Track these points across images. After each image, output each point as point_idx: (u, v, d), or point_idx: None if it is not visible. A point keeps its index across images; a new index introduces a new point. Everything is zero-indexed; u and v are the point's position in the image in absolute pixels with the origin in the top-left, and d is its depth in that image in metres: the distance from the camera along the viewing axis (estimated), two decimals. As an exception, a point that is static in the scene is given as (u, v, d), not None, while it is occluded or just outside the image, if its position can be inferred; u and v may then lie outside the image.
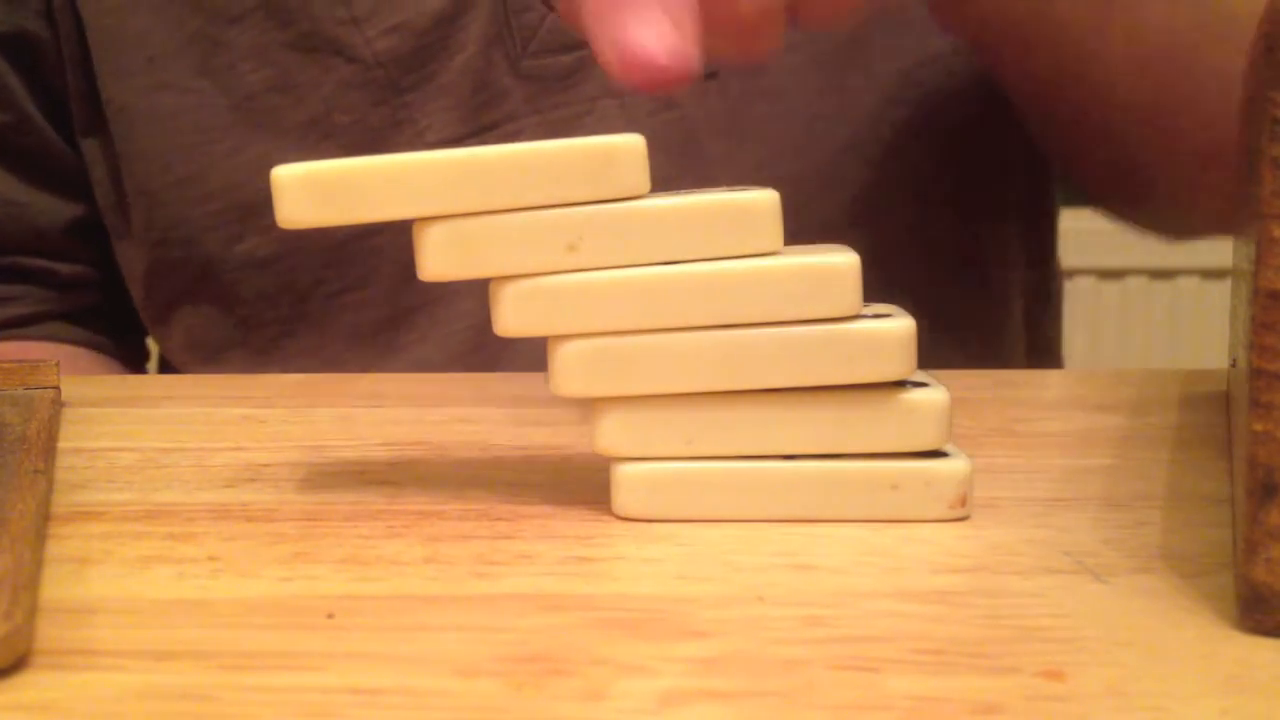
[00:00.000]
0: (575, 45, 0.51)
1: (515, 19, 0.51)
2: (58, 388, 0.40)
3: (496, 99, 0.52)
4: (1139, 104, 0.48)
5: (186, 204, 0.53)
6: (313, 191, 0.28)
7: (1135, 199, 0.56)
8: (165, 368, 0.60)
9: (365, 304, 0.53)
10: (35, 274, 0.57)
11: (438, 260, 0.28)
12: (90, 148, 0.55)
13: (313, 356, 0.54)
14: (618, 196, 0.28)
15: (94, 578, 0.27)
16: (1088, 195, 0.57)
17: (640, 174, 0.28)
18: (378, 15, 0.51)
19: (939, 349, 0.34)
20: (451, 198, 0.28)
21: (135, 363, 0.61)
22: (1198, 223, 0.56)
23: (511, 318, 0.29)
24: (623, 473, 0.29)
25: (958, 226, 0.56)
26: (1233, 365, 0.34)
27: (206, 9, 0.52)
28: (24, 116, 0.55)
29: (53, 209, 0.56)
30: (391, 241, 0.52)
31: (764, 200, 0.28)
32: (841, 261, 0.28)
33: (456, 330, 0.53)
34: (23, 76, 0.55)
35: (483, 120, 0.52)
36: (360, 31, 0.51)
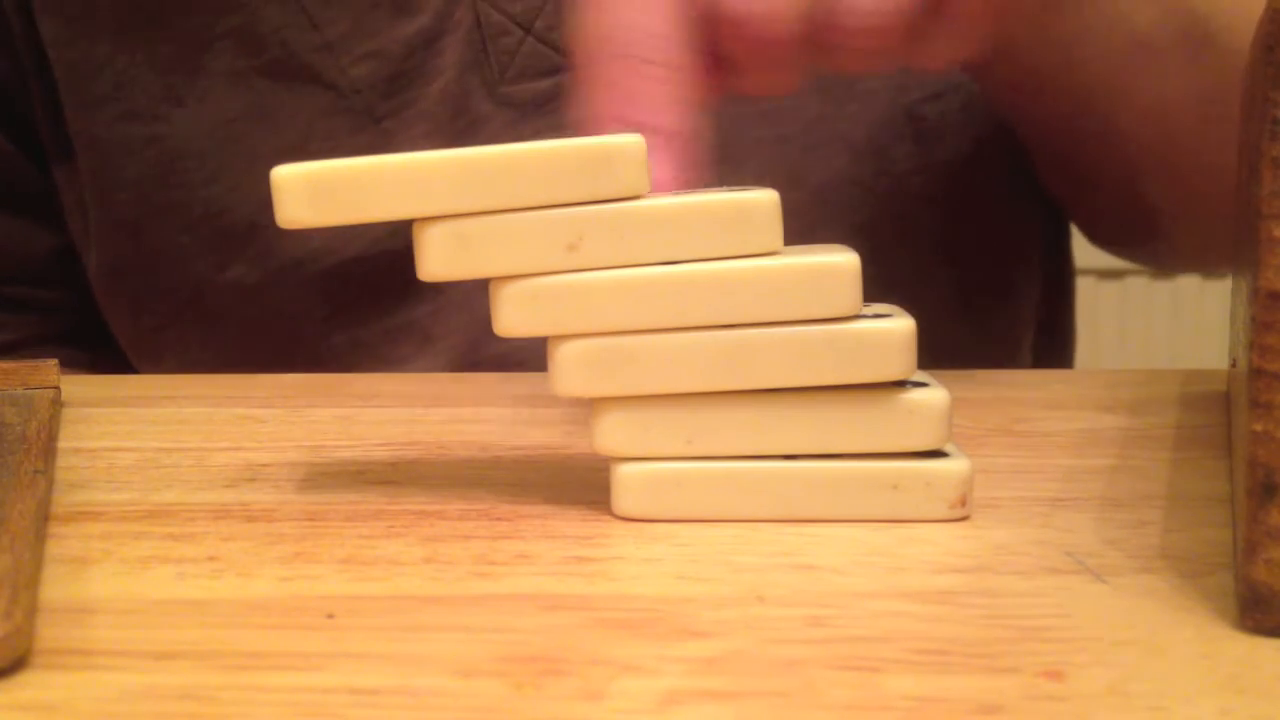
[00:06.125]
0: (554, 70, 0.50)
1: (492, 44, 0.50)
2: (58, 388, 0.40)
3: (475, 125, 0.51)
4: (1157, 154, 0.48)
5: (170, 232, 0.52)
6: (312, 191, 0.28)
7: (1142, 239, 0.56)
8: None
9: (356, 325, 0.53)
10: (17, 302, 0.56)
11: (437, 260, 0.28)
12: (62, 177, 0.54)
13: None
14: (617, 196, 0.28)
15: (94, 578, 0.27)
16: (1091, 234, 0.57)
17: (640, 174, 0.28)
18: (352, 41, 0.50)
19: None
20: (451, 198, 0.28)
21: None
22: (1204, 261, 0.56)
23: (511, 318, 0.29)
24: (623, 473, 0.29)
25: (960, 259, 0.55)
26: (1233, 365, 0.34)
27: (176, 36, 0.51)
28: None
29: (30, 237, 0.56)
30: (384, 266, 0.51)
31: (764, 200, 0.28)
32: (841, 261, 0.28)
33: (449, 346, 0.52)
34: None
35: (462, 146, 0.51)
36: (334, 58, 0.50)
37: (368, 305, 0.52)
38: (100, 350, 0.57)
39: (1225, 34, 0.45)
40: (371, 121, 0.51)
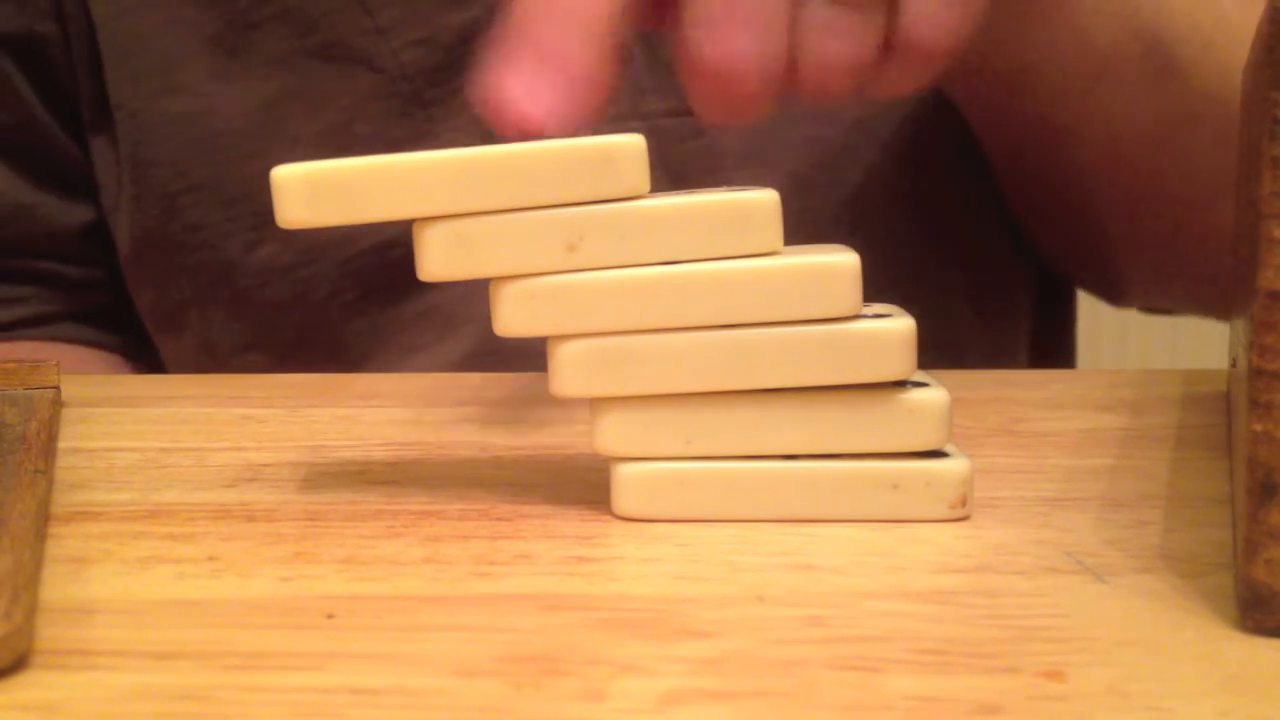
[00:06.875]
0: None
1: None
2: (58, 388, 0.40)
3: None
4: (1113, 182, 0.49)
5: (204, 209, 0.53)
6: (312, 191, 0.28)
7: (1092, 270, 0.56)
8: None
9: (382, 309, 0.53)
10: (44, 276, 0.56)
11: (437, 260, 0.28)
12: (99, 149, 0.55)
13: (330, 361, 0.54)
14: (618, 196, 0.28)
15: (93, 578, 0.27)
16: (1051, 261, 0.57)
17: (640, 174, 0.28)
18: (403, 26, 0.51)
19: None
20: (451, 198, 0.28)
21: (147, 362, 0.60)
22: (1150, 298, 0.57)
23: (511, 318, 0.29)
24: (623, 473, 0.29)
25: (965, 259, 0.55)
26: (1233, 365, 0.34)
27: (225, 12, 0.52)
28: (32, 118, 0.55)
29: (62, 212, 0.56)
30: (406, 255, 0.51)
31: (764, 200, 0.28)
32: (841, 261, 0.28)
33: (470, 333, 0.52)
34: (30, 78, 0.54)
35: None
36: (386, 42, 0.51)
37: (394, 290, 0.52)
38: (128, 332, 0.58)
39: (1189, 66, 0.45)
40: (418, 107, 0.51)
